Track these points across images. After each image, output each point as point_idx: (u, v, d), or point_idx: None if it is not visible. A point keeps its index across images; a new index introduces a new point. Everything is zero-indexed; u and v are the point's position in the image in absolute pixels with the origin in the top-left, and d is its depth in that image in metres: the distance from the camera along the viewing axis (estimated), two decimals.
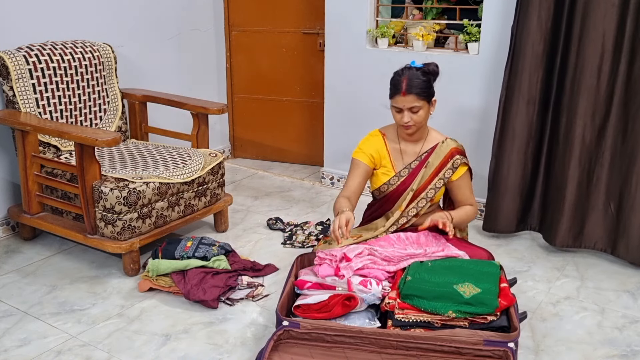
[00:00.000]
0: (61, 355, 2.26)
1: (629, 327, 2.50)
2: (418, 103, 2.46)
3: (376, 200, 2.72)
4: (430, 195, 2.56)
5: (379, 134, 2.66)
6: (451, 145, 2.58)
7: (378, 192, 2.66)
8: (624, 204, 2.92)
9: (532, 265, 3.02)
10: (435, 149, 2.58)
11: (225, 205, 3.29)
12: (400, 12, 3.87)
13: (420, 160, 2.59)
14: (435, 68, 2.54)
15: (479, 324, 2.09)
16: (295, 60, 4.27)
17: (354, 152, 2.64)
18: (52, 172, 2.93)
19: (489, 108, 3.38)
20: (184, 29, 4.08)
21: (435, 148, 2.58)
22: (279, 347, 2.10)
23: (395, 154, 2.63)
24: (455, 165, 2.56)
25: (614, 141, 2.90)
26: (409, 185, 2.58)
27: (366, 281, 2.21)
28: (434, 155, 2.56)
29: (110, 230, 2.73)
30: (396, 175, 2.60)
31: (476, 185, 3.45)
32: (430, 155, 2.57)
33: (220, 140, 4.56)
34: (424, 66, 2.52)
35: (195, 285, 2.58)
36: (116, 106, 3.34)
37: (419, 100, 2.46)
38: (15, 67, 2.88)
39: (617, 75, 2.82)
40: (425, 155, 2.59)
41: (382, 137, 2.65)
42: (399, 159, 2.63)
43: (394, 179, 2.60)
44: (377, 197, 2.69)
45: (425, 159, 2.58)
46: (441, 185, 2.57)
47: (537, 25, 2.92)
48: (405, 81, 2.46)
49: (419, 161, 2.59)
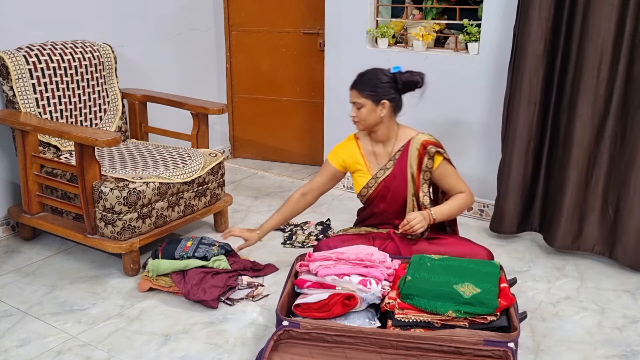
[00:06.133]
0: (61, 355, 2.26)
1: (629, 327, 2.50)
2: (359, 99, 2.55)
3: (366, 206, 2.77)
4: (425, 190, 2.61)
5: (353, 138, 2.75)
6: (422, 138, 2.62)
7: (361, 197, 2.73)
8: (621, 206, 2.90)
9: (532, 265, 3.02)
10: (408, 147, 2.61)
11: (225, 205, 3.29)
12: (400, 12, 3.87)
13: (396, 160, 2.61)
14: (411, 77, 2.56)
15: (479, 324, 2.09)
16: (295, 60, 4.27)
17: (328, 154, 2.77)
18: (52, 172, 2.93)
19: (489, 108, 3.38)
20: (184, 29, 4.08)
21: (408, 146, 2.61)
22: (279, 347, 2.10)
23: (369, 157, 2.70)
24: (430, 155, 2.58)
25: (613, 142, 2.89)
26: (390, 187, 2.62)
27: (366, 280, 2.22)
28: (410, 154, 2.60)
29: (110, 230, 2.73)
30: (373, 178, 2.65)
31: (476, 186, 3.47)
32: (407, 154, 2.60)
33: (220, 140, 4.56)
34: (399, 72, 2.57)
35: (195, 285, 2.59)
36: (116, 106, 3.34)
37: (360, 97, 2.55)
38: (15, 67, 2.88)
39: (616, 75, 2.81)
40: (399, 154, 2.62)
41: (356, 141, 2.73)
42: (373, 161, 2.69)
43: (371, 182, 2.66)
44: (364, 202, 2.75)
45: (402, 158, 2.61)
46: (428, 177, 2.60)
47: (538, 25, 2.92)
48: (358, 77, 2.58)
49: (394, 162, 2.62)
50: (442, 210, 2.59)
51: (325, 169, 2.76)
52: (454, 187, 2.64)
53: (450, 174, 2.64)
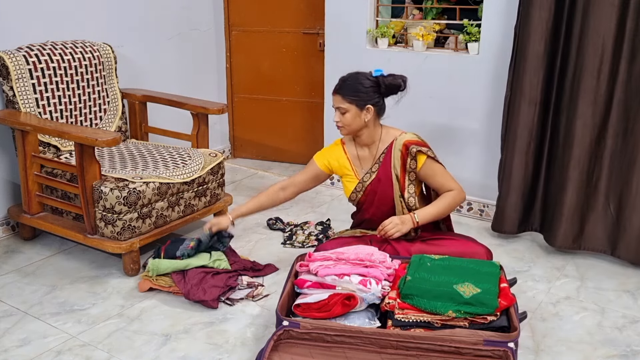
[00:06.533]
0: (61, 355, 2.26)
1: (629, 327, 2.50)
2: (343, 105, 2.53)
3: (357, 210, 2.79)
4: (411, 191, 2.60)
5: (339, 143, 2.75)
6: (404, 138, 2.61)
7: (352, 201, 2.74)
8: (623, 205, 2.91)
9: (532, 265, 3.02)
10: (391, 148, 2.61)
11: (225, 205, 3.29)
12: (400, 12, 3.87)
13: (380, 163, 2.62)
14: (393, 81, 2.56)
15: (479, 324, 2.09)
16: (295, 60, 4.27)
17: (315, 154, 2.76)
18: (52, 172, 2.93)
19: (489, 108, 3.38)
20: (184, 29, 4.08)
21: (391, 147, 2.61)
22: (279, 347, 2.10)
23: (355, 161, 2.70)
24: (412, 155, 2.57)
25: (614, 142, 2.90)
26: (377, 190, 2.62)
27: (366, 280, 2.22)
28: (393, 156, 2.59)
29: (110, 230, 2.73)
30: (360, 182, 2.65)
31: (476, 186, 3.47)
32: (390, 156, 2.60)
33: (220, 140, 4.56)
34: (380, 75, 2.56)
35: (195, 285, 2.59)
36: (116, 106, 3.34)
37: (343, 102, 2.53)
38: (15, 67, 2.88)
39: (616, 75, 2.81)
40: (383, 156, 2.62)
41: (342, 146, 2.73)
42: (359, 165, 2.69)
43: (359, 186, 2.66)
44: (356, 206, 2.77)
45: (385, 161, 2.61)
46: (414, 177, 2.59)
47: (538, 25, 2.92)
48: (340, 81, 2.56)
49: (378, 164, 2.62)
50: (428, 212, 2.56)
51: (309, 168, 2.74)
52: (442, 185, 2.61)
53: (437, 172, 2.60)
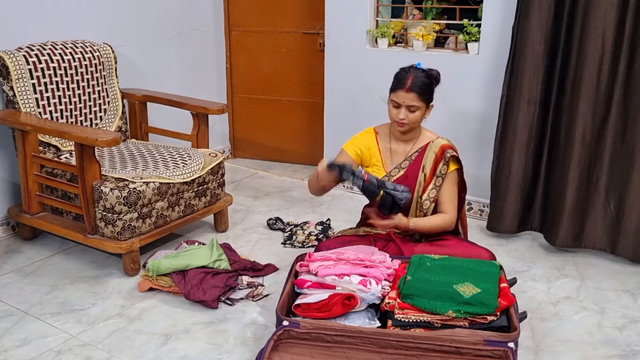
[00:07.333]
0: (61, 355, 2.27)
1: (629, 327, 2.50)
2: (417, 103, 2.49)
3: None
4: (432, 195, 2.57)
5: (373, 132, 2.69)
6: (442, 142, 2.60)
7: None
8: (623, 203, 2.92)
9: (532, 265, 3.02)
10: (426, 149, 2.59)
11: (225, 205, 3.29)
12: (400, 12, 3.88)
13: (412, 161, 2.60)
14: (437, 75, 2.57)
15: (479, 324, 2.09)
16: (295, 60, 4.27)
17: (345, 143, 2.69)
18: (52, 172, 2.93)
19: (489, 108, 3.38)
20: (184, 29, 4.08)
21: (426, 148, 2.59)
22: (279, 347, 2.10)
23: (386, 153, 2.66)
24: (446, 159, 2.56)
25: (614, 141, 2.90)
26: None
27: (366, 281, 2.22)
28: (426, 157, 2.57)
29: (110, 230, 2.73)
30: (387, 175, 2.61)
31: (477, 186, 3.47)
32: (423, 156, 2.58)
33: (220, 140, 4.56)
34: (428, 70, 2.55)
35: (195, 286, 2.59)
36: (116, 106, 3.34)
37: (418, 100, 2.49)
38: (15, 67, 2.88)
39: (616, 75, 2.82)
40: (416, 155, 2.60)
41: (375, 135, 2.68)
42: (389, 157, 2.65)
43: (385, 179, 2.61)
44: None
45: (417, 160, 2.59)
46: (440, 183, 2.57)
47: (538, 25, 2.92)
48: (411, 78, 2.49)
49: (409, 161, 2.60)
50: (422, 224, 2.55)
51: (340, 156, 2.67)
52: (443, 202, 2.57)
53: (450, 187, 2.58)
